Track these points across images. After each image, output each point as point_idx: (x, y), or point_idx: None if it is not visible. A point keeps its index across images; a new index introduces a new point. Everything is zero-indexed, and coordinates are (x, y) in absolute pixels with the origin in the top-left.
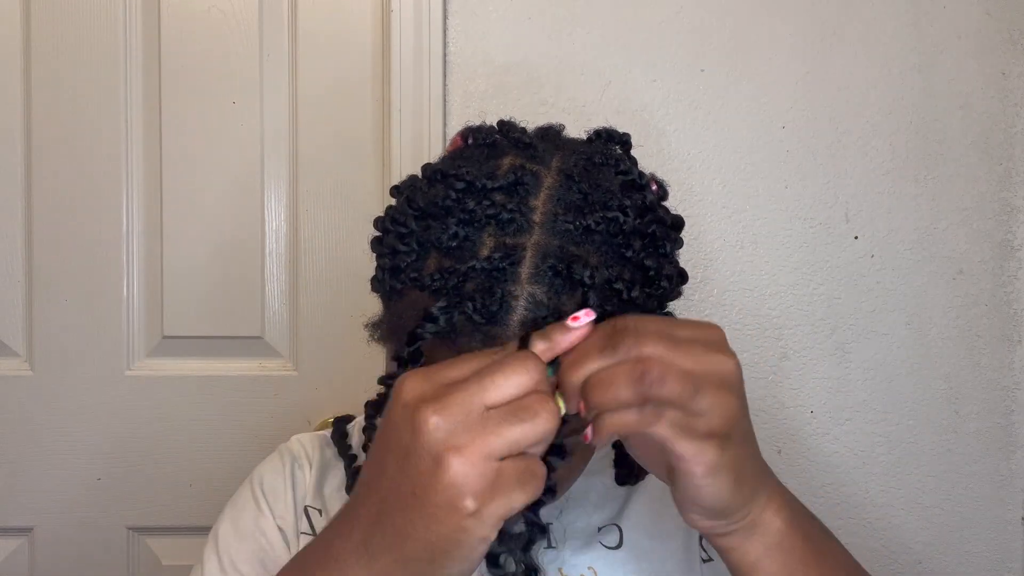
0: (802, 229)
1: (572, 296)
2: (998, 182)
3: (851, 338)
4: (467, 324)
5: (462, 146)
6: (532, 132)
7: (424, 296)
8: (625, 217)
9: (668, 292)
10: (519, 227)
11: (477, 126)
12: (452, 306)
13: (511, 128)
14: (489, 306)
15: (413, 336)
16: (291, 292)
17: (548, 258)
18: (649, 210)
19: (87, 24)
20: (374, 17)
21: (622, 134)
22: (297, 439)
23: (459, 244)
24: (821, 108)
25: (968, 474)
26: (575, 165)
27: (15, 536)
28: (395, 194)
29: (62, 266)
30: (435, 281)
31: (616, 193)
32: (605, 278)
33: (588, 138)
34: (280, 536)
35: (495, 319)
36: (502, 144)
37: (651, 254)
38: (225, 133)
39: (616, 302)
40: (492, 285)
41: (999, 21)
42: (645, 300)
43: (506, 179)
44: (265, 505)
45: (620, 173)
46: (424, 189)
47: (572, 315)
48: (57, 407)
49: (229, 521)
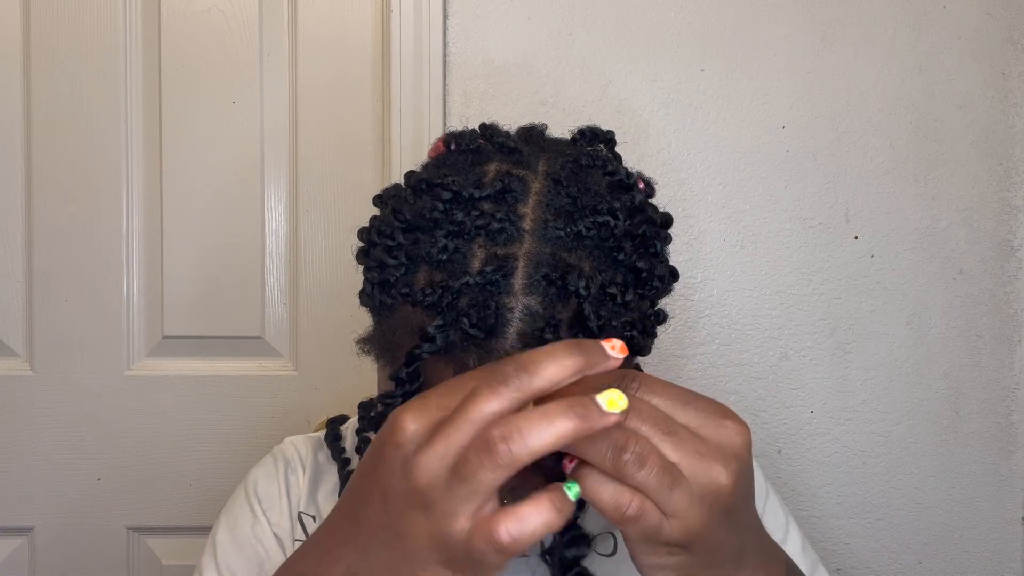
0: (802, 229)
1: (567, 305)
2: (998, 182)
3: (851, 338)
4: (464, 340)
5: (444, 152)
6: (515, 134)
7: (416, 311)
8: (615, 220)
9: (660, 291)
10: (509, 236)
11: (459, 131)
12: (448, 324)
13: (494, 132)
14: (485, 320)
15: (411, 357)
16: (291, 292)
17: (541, 267)
18: (639, 210)
19: (87, 24)
20: (374, 17)
21: (606, 132)
22: (290, 441)
23: (449, 257)
24: (821, 108)
25: (968, 474)
26: (562, 168)
27: (15, 536)
28: (379, 204)
29: (62, 266)
30: (427, 296)
31: (605, 195)
32: (599, 284)
33: (572, 138)
34: (276, 543)
35: (492, 333)
36: (486, 149)
37: (643, 255)
38: (225, 133)
39: (611, 307)
40: (486, 299)
41: (999, 21)
42: (638, 302)
43: (493, 187)
44: (260, 512)
45: (608, 174)
46: (410, 200)
47: (608, 341)
48: (57, 407)
49: (226, 529)
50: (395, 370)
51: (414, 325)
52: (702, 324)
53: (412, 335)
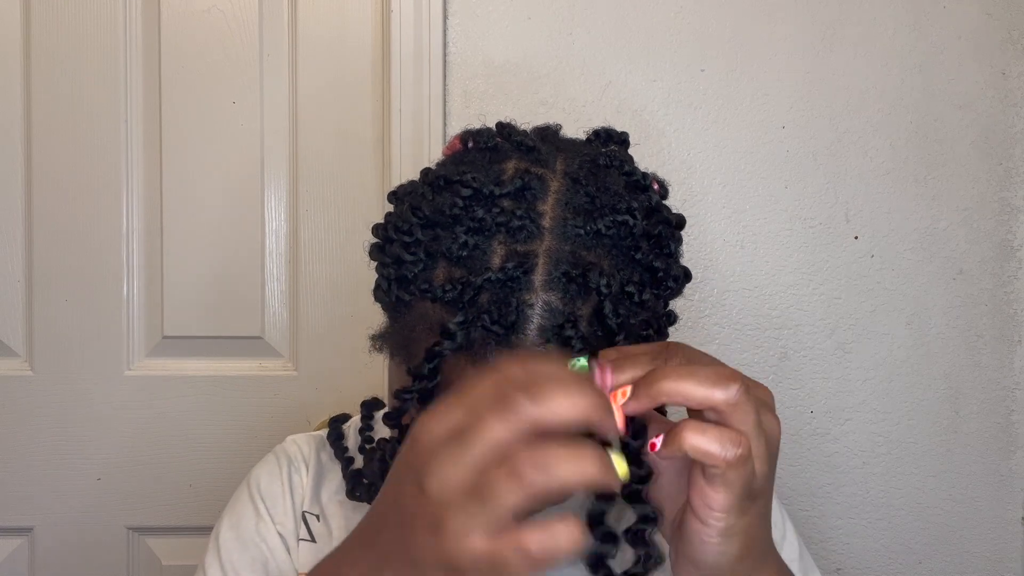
0: (802, 229)
1: (587, 301)
2: (998, 182)
3: (851, 338)
4: (485, 336)
5: (461, 150)
6: (531, 133)
7: (435, 307)
8: (634, 219)
9: (674, 292)
10: (529, 233)
11: (477, 129)
12: (469, 320)
13: (512, 131)
14: (506, 317)
15: (431, 354)
16: (291, 292)
17: (561, 264)
18: (655, 211)
19: (87, 24)
20: (374, 17)
21: (620, 133)
22: (292, 440)
23: (469, 253)
24: (821, 108)
25: (968, 474)
26: (580, 167)
27: (15, 536)
28: (394, 200)
29: (62, 266)
30: (447, 292)
31: (623, 195)
32: (619, 283)
33: (587, 138)
34: (280, 542)
35: (513, 329)
36: (504, 147)
37: (659, 255)
38: (225, 133)
39: (628, 305)
40: (507, 295)
41: (999, 21)
42: (654, 301)
43: (513, 184)
44: (264, 510)
45: (624, 174)
46: (428, 196)
47: (616, 394)
48: (57, 407)
49: (230, 527)
50: (415, 366)
51: (433, 321)
52: (702, 324)
53: (431, 331)
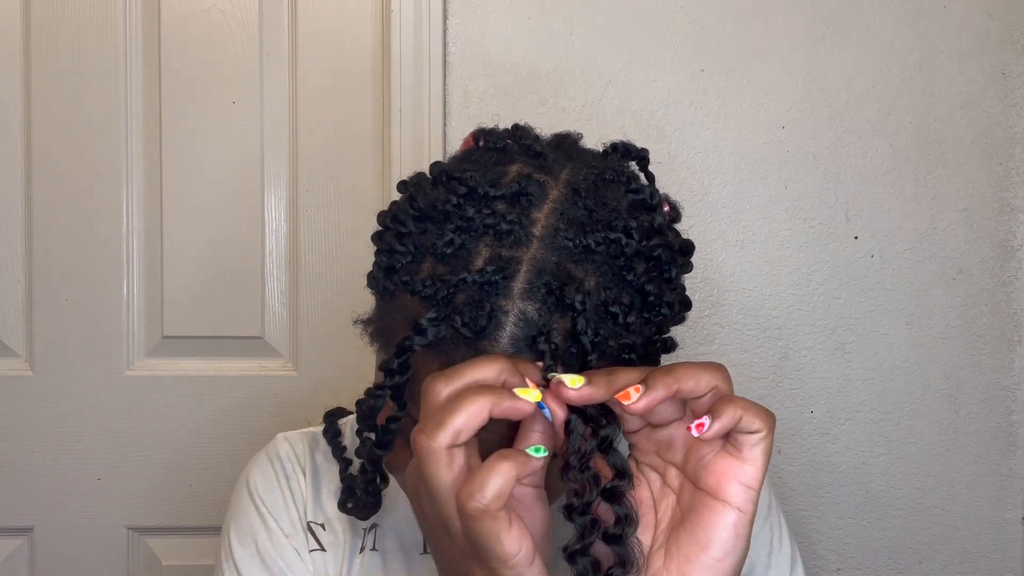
0: (802, 229)
1: (564, 317)
2: (998, 182)
3: (851, 338)
4: (455, 337)
5: (473, 148)
6: (547, 140)
7: (414, 301)
8: (628, 239)
9: (668, 319)
10: (517, 239)
11: (489, 128)
12: (441, 319)
13: (524, 134)
14: (478, 320)
15: (401, 348)
16: (291, 292)
17: (543, 275)
18: (656, 233)
19: (87, 24)
20: (374, 17)
21: (640, 149)
22: (284, 439)
23: (454, 252)
24: (821, 108)
25: (968, 474)
26: (584, 179)
27: (15, 536)
28: (402, 190)
29: (62, 266)
30: (426, 288)
31: (623, 213)
32: (600, 301)
33: (604, 151)
34: (295, 555)
35: (483, 334)
36: (512, 150)
37: (654, 279)
38: (225, 133)
39: (611, 325)
40: (482, 299)
41: (999, 21)
42: (642, 326)
43: (509, 188)
44: (272, 522)
45: (630, 192)
46: (427, 190)
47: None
48: (57, 407)
49: (241, 543)
50: (386, 360)
51: (410, 315)
52: (702, 324)
53: (406, 325)
